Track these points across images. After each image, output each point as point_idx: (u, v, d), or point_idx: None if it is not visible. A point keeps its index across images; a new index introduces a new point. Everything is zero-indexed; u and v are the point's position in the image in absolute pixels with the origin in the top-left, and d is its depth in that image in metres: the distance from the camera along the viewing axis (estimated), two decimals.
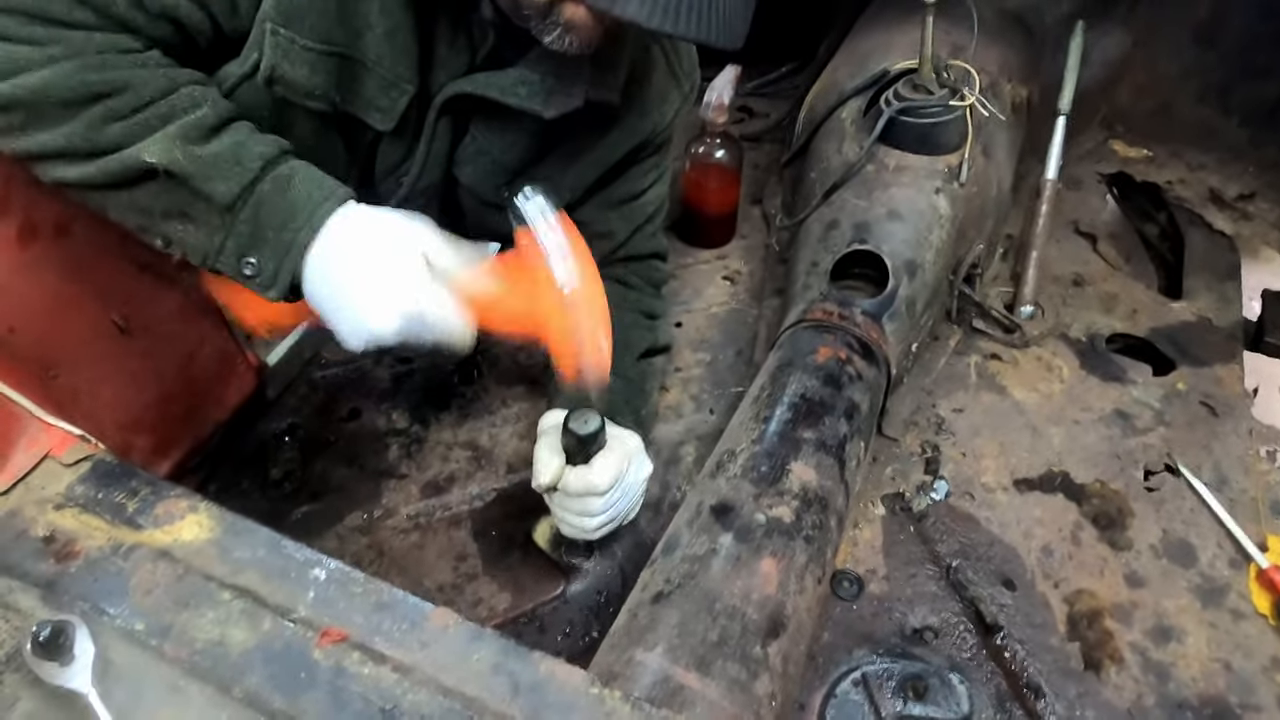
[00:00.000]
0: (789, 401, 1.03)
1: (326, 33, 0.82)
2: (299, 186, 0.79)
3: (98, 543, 0.68)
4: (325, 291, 0.79)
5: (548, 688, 0.62)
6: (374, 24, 0.82)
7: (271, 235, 0.78)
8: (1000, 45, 1.52)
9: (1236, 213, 1.70)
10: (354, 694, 0.61)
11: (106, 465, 0.75)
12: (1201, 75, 1.81)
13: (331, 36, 0.82)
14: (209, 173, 0.76)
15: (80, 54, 0.73)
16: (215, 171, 0.77)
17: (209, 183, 0.76)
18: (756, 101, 2.02)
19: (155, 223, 0.79)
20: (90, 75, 0.73)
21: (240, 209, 0.78)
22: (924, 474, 1.20)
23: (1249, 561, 1.08)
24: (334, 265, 0.78)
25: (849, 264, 1.24)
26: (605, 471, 0.92)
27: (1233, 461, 1.21)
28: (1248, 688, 0.97)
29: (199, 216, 0.78)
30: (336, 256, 0.78)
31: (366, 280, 0.77)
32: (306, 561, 0.69)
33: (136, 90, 0.75)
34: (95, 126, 0.74)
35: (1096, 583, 1.07)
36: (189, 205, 0.77)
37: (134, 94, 0.75)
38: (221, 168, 0.77)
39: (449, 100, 0.89)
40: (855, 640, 1.00)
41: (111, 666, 0.61)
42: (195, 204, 0.77)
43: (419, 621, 0.66)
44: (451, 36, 0.87)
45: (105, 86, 0.73)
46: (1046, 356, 1.38)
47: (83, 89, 0.73)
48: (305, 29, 0.81)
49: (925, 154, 1.31)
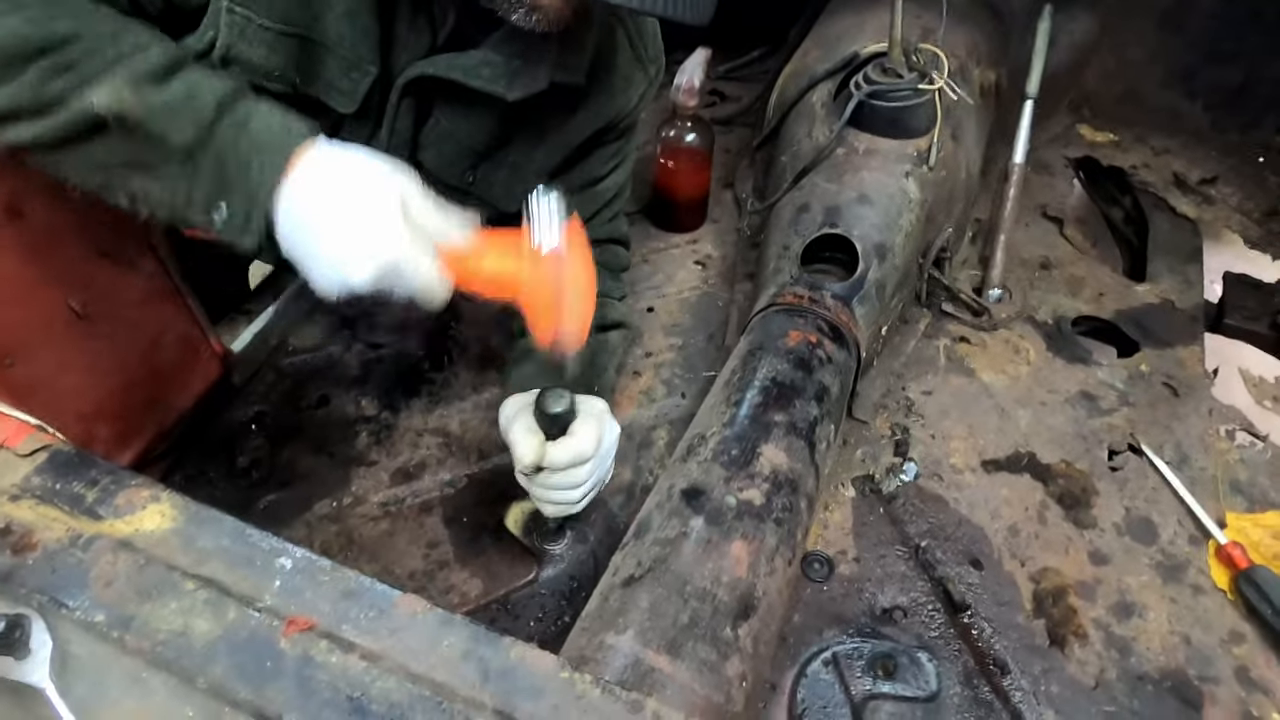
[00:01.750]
0: (760, 385, 1.04)
1: (284, 12, 0.79)
2: (260, 124, 0.75)
3: (56, 534, 0.67)
4: (297, 237, 0.75)
5: (518, 673, 0.62)
6: (333, 3, 0.80)
7: (236, 178, 0.74)
8: (969, 29, 1.53)
9: (1199, 197, 1.73)
10: (321, 682, 0.60)
11: (65, 455, 0.74)
12: (1167, 60, 1.84)
13: (289, 16, 0.80)
14: (162, 118, 0.72)
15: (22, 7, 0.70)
16: (168, 116, 0.72)
17: (163, 128, 0.72)
18: (728, 85, 2.01)
19: (115, 179, 0.75)
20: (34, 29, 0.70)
21: (200, 155, 0.74)
22: (893, 456, 1.21)
23: (1208, 538, 1.11)
24: (305, 208, 0.74)
25: (820, 248, 1.24)
26: (588, 437, 0.91)
27: (1193, 441, 1.24)
28: (1206, 661, 0.99)
29: (158, 166, 0.74)
30: (307, 199, 0.74)
31: (340, 225, 0.73)
32: (272, 550, 0.68)
33: (83, 39, 0.71)
34: (43, 80, 0.70)
35: (1061, 561, 1.09)
36: (146, 154, 0.74)
37: (80, 44, 0.71)
38: (175, 112, 0.73)
39: (411, 82, 0.87)
40: (826, 621, 1.01)
41: (71, 660, 0.59)
42: (152, 153, 0.73)
43: (387, 609, 0.65)
44: (412, 16, 0.85)
45: (51, 39, 0.70)
46: (1014, 339, 1.40)
47: (27, 44, 0.70)
48: (262, 7, 0.78)
49: (895, 138, 1.31)
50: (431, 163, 0.96)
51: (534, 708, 0.60)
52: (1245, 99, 1.80)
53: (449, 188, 0.99)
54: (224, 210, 0.75)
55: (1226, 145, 1.83)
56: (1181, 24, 1.79)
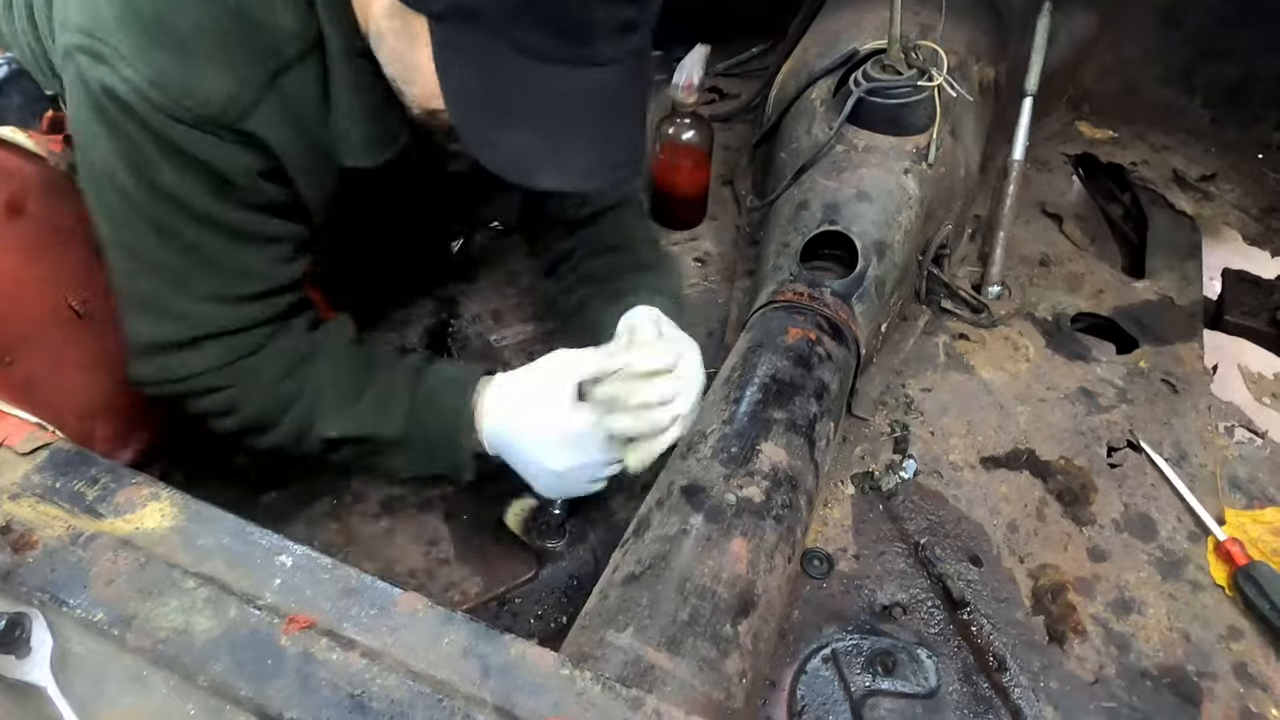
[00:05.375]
0: (759, 382, 1.04)
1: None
2: (443, 395, 0.95)
3: (56, 532, 0.67)
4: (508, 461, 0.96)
5: (519, 670, 0.62)
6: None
7: (443, 443, 0.95)
8: (968, 25, 1.53)
9: (1198, 193, 1.73)
10: (322, 680, 0.60)
11: (65, 453, 0.74)
12: (1165, 56, 1.84)
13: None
14: (374, 421, 0.95)
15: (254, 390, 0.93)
16: (377, 418, 0.95)
17: (379, 428, 0.95)
18: (727, 82, 2.01)
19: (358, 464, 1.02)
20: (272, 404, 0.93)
21: (410, 437, 0.95)
22: (893, 453, 1.21)
23: (1207, 534, 1.11)
24: (502, 447, 0.95)
25: (819, 245, 1.24)
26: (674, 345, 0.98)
27: (1192, 437, 1.24)
28: (1205, 657, 1.00)
29: (383, 451, 0.97)
30: (500, 440, 0.94)
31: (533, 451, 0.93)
32: (272, 548, 0.68)
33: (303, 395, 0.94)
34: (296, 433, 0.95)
35: (1060, 557, 1.09)
36: (372, 448, 0.97)
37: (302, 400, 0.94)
38: (382, 411, 0.95)
39: None
40: (825, 618, 1.01)
41: (71, 658, 0.60)
42: (375, 445, 0.96)
43: (387, 606, 0.65)
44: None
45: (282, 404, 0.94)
46: (1013, 336, 1.40)
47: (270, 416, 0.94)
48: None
49: (894, 135, 1.31)
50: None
51: (534, 705, 0.60)
52: (1244, 95, 1.80)
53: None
54: (441, 464, 0.97)
55: (1225, 142, 1.83)
56: (1180, 20, 1.79)
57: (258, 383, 0.92)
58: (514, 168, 0.76)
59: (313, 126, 0.85)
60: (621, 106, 0.78)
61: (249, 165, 0.83)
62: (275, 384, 0.93)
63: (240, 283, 0.89)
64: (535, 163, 0.76)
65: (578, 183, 0.81)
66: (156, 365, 0.91)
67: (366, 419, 0.94)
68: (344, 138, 0.86)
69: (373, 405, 0.95)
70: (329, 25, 0.81)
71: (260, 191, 0.85)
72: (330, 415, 0.94)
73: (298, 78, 0.82)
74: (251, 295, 0.90)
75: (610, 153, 0.79)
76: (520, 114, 0.74)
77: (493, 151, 0.76)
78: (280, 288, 0.92)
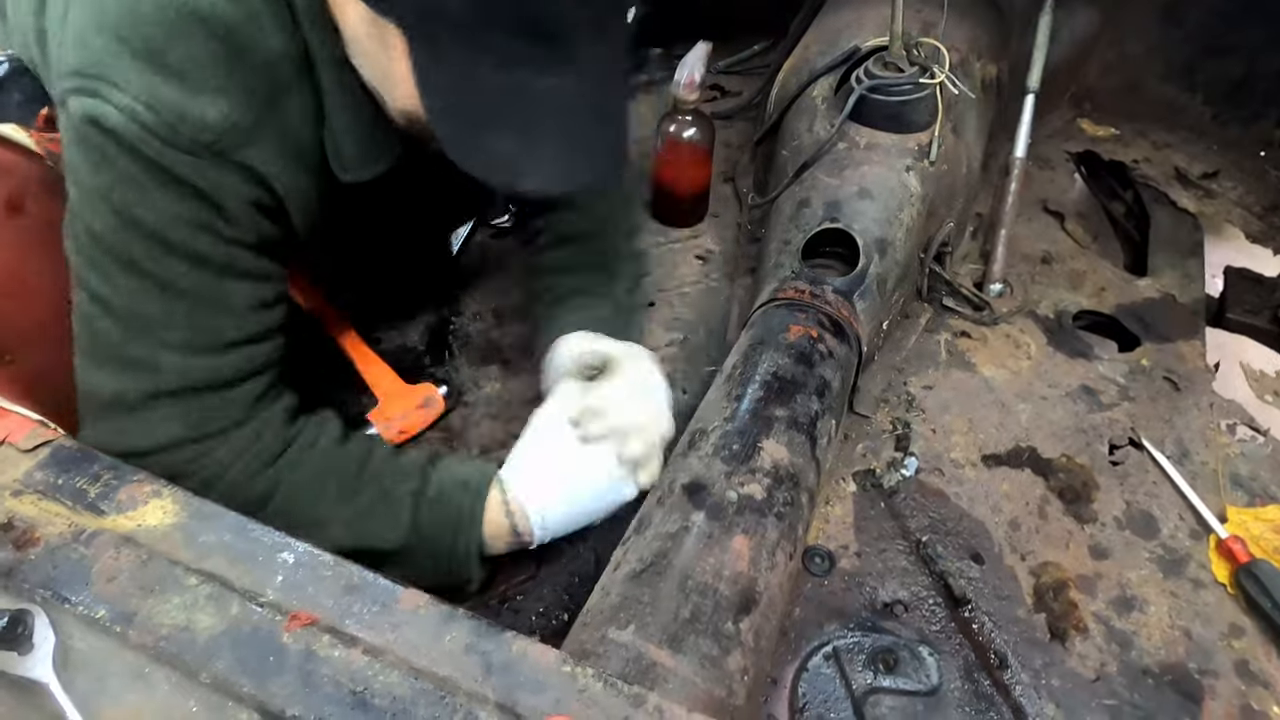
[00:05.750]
0: (761, 380, 1.04)
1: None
2: (448, 501, 0.91)
3: (58, 529, 0.67)
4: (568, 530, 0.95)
5: (520, 667, 0.62)
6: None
7: (448, 547, 0.91)
8: (970, 22, 1.53)
9: (1200, 191, 1.73)
10: (324, 677, 0.60)
11: (66, 450, 0.74)
12: (1167, 53, 1.83)
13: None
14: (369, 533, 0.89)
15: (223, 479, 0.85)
16: (376, 526, 0.89)
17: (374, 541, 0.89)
18: (729, 79, 2.01)
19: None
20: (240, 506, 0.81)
21: (414, 543, 0.90)
22: (894, 451, 1.21)
23: (1209, 532, 1.11)
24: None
25: (820, 242, 1.24)
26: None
27: (1194, 435, 1.24)
28: (1207, 655, 1.00)
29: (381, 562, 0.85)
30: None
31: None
32: (275, 545, 0.68)
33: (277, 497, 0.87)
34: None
35: (1062, 555, 1.09)
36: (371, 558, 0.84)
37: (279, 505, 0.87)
38: (379, 521, 0.89)
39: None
40: (826, 615, 1.01)
41: (74, 655, 0.60)
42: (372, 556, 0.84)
43: (389, 603, 0.65)
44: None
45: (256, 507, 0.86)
46: (1015, 334, 1.40)
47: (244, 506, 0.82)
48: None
49: (895, 132, 1.31)
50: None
51: (536, 702, 0.60)
52: (1246, 93, 1.79)
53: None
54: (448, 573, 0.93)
55: (1228, 139, 1.83)
56: (1182, 18, 1.79)
57: (225, 473, 0.84)
58: (495, 172, 0.75)
59: (308, 148, 0.84)
60: (601, 107, 0.78)
61: (244, 195, 0.80)
62: (244, 479, 0.85)
63: (218, 328, 0.83)
64: (516, 166, 0.75)
65: (560, 185, 0.79)
66: (113, 428, 0.82)
67: (357, 533, 0.88)
68: (338, 155, 0.85)
69: (363, 517, 0.88)
70: (315, 42, 0.79)
71: (252, 224, 0.82)
72: (311, 526, 0.85)
73: (294, 100, 0.81)
74: (228, 343, 0.84)
75: (592, 154, 0.79)
76: (498, 118, 0.74)
77: (474, 157, 0.74)
78: (258, 336, 0.87)
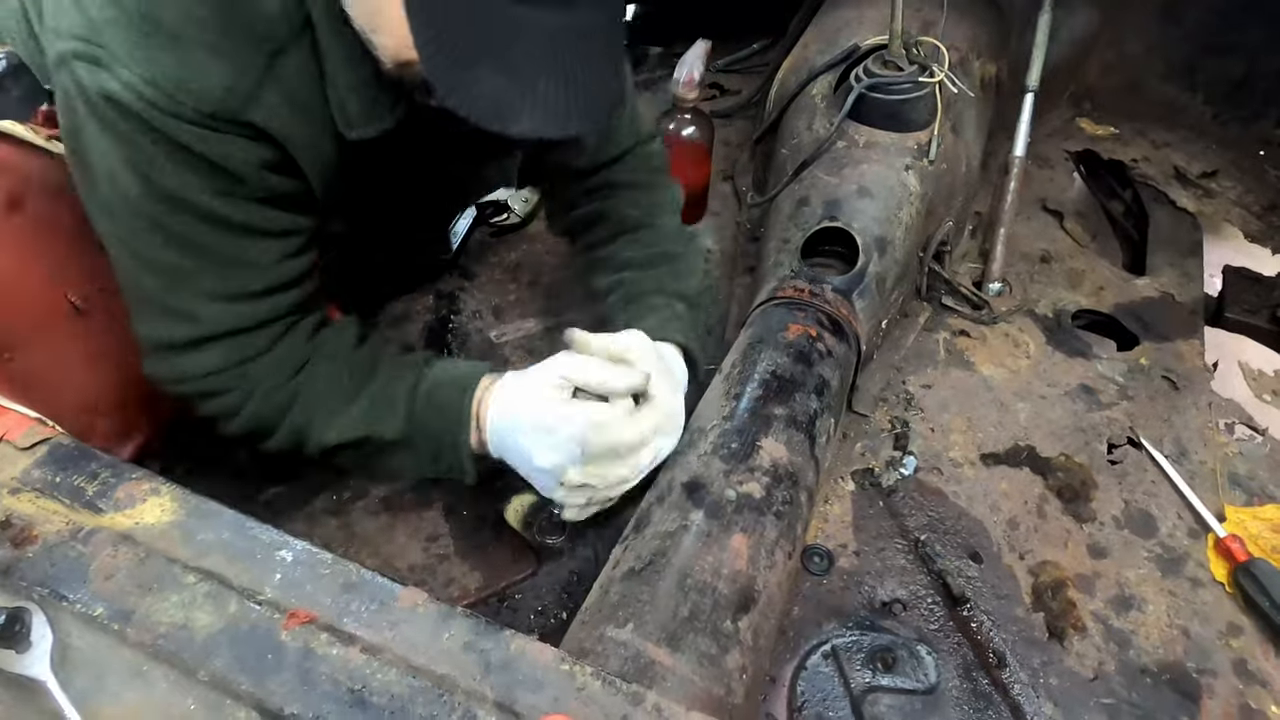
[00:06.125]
0: (760, 378, 1.04)
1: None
2: (443, 394, 0.94)
3: (56, 527, 0.67)
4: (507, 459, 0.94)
5: (518, 665, 0.62)
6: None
7: (446, 441, 0.94)
8: (970, 21, 1.53)
9: (1199, 190, 1.73)
10: (322, 675, 0.60)
11: (65, 448, 0.74)
12: (1167, 52, 1.83)
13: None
14: (373, 422, 0.94)
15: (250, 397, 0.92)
16: (376, 419, 0.94)
17: (378, 429, 0.94)
18: (728, 78, 2.01)
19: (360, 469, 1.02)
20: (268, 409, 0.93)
21: (412, 436, 0.95)
22: (893, 449, 1.21)
23: (1207, 531, 1.11)
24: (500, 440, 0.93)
25: (820, 241, 1.24)
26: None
27: (1192, 434, 1.24)
28: (1204, 654, 1.00)
29: (384, 452, 0.96)
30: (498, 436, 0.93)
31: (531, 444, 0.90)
32: (273, 543, 0.68)
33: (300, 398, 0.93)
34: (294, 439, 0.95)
35: (1060, 554, 1.09)
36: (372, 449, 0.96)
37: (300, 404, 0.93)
38: (381, 413, 0.94)
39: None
40: (825, 614, 1.01)
41: (72, 652, 0.60)
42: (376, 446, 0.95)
43: (388, 601, 0.65)
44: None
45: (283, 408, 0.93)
46: (1014, 333, 1.40)
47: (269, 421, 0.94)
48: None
49: (895, 131, 1.31)
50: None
51: (535, 700, 0.60)
52: (1246, 92, 1.79)
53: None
54: (444, 465, 0.96)
55: (1227, 139, 1.83)
56: (1181, 17, 1.79)
57: (256, 388, 0.92)
58: (487, 113, 0.73)
59: (312, 106, 0.84)
60: (594, 47, 0.76)
61: (254, 158, 0.82)
62: (272, 390, 0.92)
63: (247, 280, 0.88)
64: (508, 107, 0.73)
65: (553, 127, 0.75)
66: (169, 364, 0.91)
67: (364, 421, 0.94)
68: (342, 110, 0.85)
69: (371, 406, 0.94)
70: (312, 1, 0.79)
71: (266, 184, 0.85)
72: (327, 420, 0.94)
73: (293, 59, 0.81)
74: (258, 292, 0.89)
75: (585, 95, 0.76)
76: (489, 53, 0.72)
77: (464, 96, 0.73)
78: (288, 283, 0.92)
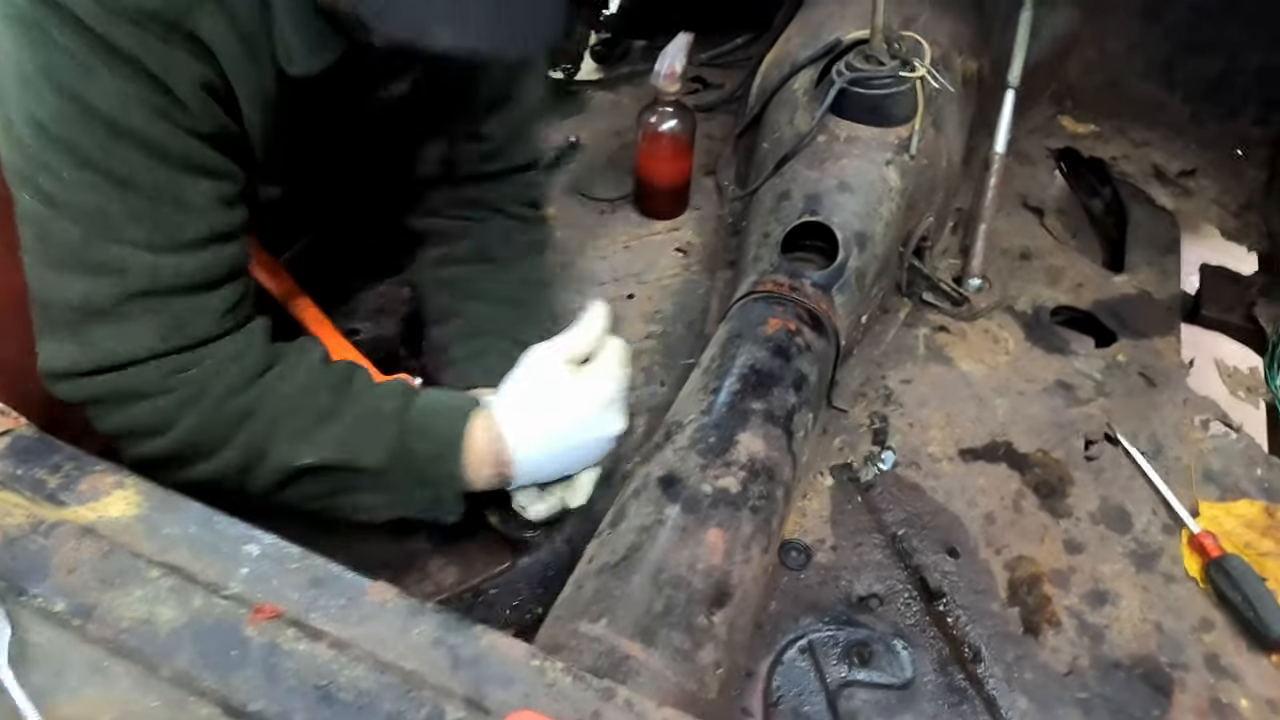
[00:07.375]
0: (738, 373, 1.03)
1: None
2: (433, 420, 0.87)
3: (16, 520, 0.66)
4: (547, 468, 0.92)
5: (489, 660, 0.61)
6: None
7: (432, 474, 0.87)
8: (951, 17, 1.53)
9: (1178, 189, 1.74)
10: (288, 670, 0.59)
11: (27, 440, 0.72)
12: (1147, 50, 1.84)
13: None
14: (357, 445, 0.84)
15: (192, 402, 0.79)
16: (360, 441, 0.84)
17: (362, 455, 0.84)
18: (711, 72, 2.00)
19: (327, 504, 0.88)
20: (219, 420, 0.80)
21: (395, 467, 0.85)
22: (872, 445, 1.21)
23: (1181, 527, 1.12)
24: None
25: (800, 235, 1.24)
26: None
27: (1168, 430, 1.25)
28: (1177, 647, 1.00)
29: (362, 485, 0.86)
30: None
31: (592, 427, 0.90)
32: (240, 537, 0.67)
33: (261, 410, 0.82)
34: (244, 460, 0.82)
35: (1036, 549, 1.09)
36: (343, 482, 0.85)
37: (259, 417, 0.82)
38: (363, 435, 0.85)
39: None
40: (802, 609, 1.01)
41: (30, 648, 0.58)
42: (349, 477, 0.85)
43: (356, 596, 0.64)
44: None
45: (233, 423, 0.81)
46: (993, 328, 1.40)
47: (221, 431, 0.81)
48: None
49: (876, 125, 1.31)
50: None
51: (504, 696, 0.59)
52: (1224, 90, 1.81)
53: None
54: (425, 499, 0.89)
55: (1205, 138, 1.84)
56: (1161, 14, 1.80)
57: (203, 394, 0.80)
58: (406, 24, 0.69)
59: (254, 35, 0.79)
60: None
61: (195, 75, 0.75)
62: (225, 397, 0.81)
63: (182, 224, 0.78)
64: (431, 19, 0.69)
65: (478, 44, 0.71)
66: (82, 340, 0.77)
67: (343, 443, 0.84)
68: (284, 44, 0.80)
69: (351, 428, 0.84)
70: None
71: (206, 112, 0.78)
72: (295, 438, 0.82)
73: None
74: (189, 242, 0.78)
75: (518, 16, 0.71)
76: None
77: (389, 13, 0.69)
78: (224, 234, 0.82)
